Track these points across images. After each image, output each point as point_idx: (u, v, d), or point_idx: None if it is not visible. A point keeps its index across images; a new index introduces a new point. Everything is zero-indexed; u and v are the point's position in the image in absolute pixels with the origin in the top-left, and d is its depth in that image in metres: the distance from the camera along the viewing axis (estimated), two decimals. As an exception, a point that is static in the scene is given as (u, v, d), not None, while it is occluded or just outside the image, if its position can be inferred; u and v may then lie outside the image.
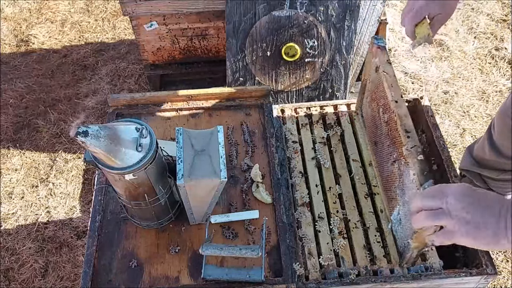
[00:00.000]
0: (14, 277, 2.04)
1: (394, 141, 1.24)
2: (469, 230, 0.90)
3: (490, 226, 0.89)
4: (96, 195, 1.35)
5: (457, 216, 0.90)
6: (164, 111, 1.55)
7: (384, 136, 1.33)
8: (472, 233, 0.90)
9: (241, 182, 1.40)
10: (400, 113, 1.20)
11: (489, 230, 0.89)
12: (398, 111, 1.21)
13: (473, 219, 0.89)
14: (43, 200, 2.27)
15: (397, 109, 1.21)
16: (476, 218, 0.89)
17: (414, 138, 1.16)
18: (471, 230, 0.90)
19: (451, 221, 0.91)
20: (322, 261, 1.26)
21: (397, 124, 1.20)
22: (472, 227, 0.89)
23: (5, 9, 3.18)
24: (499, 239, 0.89)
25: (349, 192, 1.41)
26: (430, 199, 0.94)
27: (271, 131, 1.48)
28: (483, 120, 2.49)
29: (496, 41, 2.83)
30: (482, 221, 0.89)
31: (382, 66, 1.30)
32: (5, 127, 2.55)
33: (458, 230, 0.91)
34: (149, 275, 1.23)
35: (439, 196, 0.93)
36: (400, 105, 1.22)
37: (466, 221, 0.90)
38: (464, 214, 0.90)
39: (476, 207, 0.90)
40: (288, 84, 2.19)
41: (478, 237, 0.90)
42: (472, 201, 0.91)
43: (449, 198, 0.92)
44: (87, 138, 0.95)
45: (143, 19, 2.19)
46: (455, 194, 0.92)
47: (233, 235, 1.29)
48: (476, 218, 0.89)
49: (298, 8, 2.02)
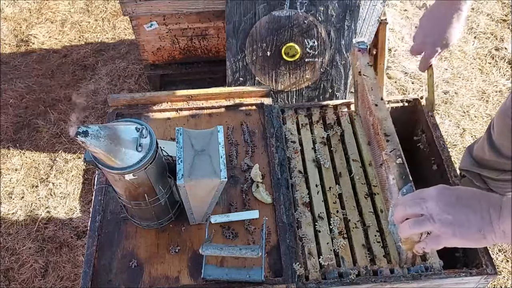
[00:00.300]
0: (14, 277, 2.04)
1: (379, 144, 1.25)
2: (455, 231, 0.90)
3: (475, 223, 0.89)
4: (96, 195, 1.35)
5: (440, 219, 0.91)
6: (164, 111, 1.55)
7: (372, 138, 1.34)
8: (458, 233, 0.90)
9: (241, 182, 1.40)
10: (380, 117, 1.20)
11: (474, 227, 0.89)
12: (378, 114, 1.21)
13: (455, 219, 0.90)
14: (43, 200, 2.27)
15: (377, 113, 1.21)
16: (458, 217, 0.90)
17: (393, 142, 1.15)
18: (457, 230, 0.90)
19: (435, 225, 0.91)
20: (322, 261, 1.26)
21: (378, 127, 1.19)
22: (456, 227, 0.90)
23: (5, 9, 3.18)
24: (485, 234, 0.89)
25: (349, 192, 1.41)
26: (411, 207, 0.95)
27: (271, 131, 1.48)
28: (483, 120, 2.49)
29: (496, 41, 2.83)
30: (465, 219, 0.89)
31: (362, 69, 1.30)
32: (5, 127, 2.55)
33: (444, 233, 0.91)
34: (149, 275, 1.23)
35: (418, 202, 0.94)
36: (380, 108, 1.21)
37: (449, 222, 0.90)
38: (445, 216, 0.90)
39: (456, 207, 0.90)
40: (288, 84, 2.19)
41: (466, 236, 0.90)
42: (450, 201, 0.91)
43: (428, 203, 0.92)
44: (87, 138, 0.95)
45: (143, 19, 2.19)
46: (432, 198, 0.92)
47: (233, 235, 1.29)
48: (458, 217, 0.90)
49: (298, 8, 2.02)
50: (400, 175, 1.09)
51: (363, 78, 1.29)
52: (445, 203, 0.91)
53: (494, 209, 0.89)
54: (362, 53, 1.32)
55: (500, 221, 0.88)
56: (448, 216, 0.90)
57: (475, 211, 0.89)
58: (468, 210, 0.90)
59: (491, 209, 0.88)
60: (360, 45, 1.34)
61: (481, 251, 1.25)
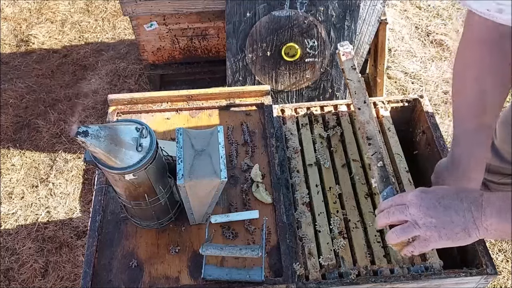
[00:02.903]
0: (14, 277, 2.04)
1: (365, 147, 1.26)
2: (440, 233, 0.92)
3: (458, 223, 0.90)
4: (96, 195, 1.35)
5: (424, 224, 0.92)
6: (164, 111, 1.55)
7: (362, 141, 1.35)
8: (444, 235, 0.92)
9: (241, 182, 1.40)
10: (362, 120, 1.20)
11: (459, 227, 0.90)
12: (361, 118, 1.21)
13: (439, 222, 0.91)
14: (43, 200, 2.27)
15: (359, 116, 1.22)
16: (442, 219, 0.91)
17: (375, 145, 1.16)
18: (442, 232, 0.91)
19: (420, 230, 0.93)
20: (322, 261, 1.26)
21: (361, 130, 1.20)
22: (441, 229, 0.91)
23: (5, 9, 3.18)
24: (469, 232, 0.91)
25: (349, 192, 1.41)
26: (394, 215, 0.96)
27: (271, 131, 1.48)
28: (483, 120, 2.49)
29: (496, 41, 2.82)
30: (449, 221, 0.91)
31: (346, 73, 1.30)
32: (5, 127, 2.55)
33: (431, 236, 0.93)
34: (149, 275, 1.23)
35: (401, 209, 0.95)
36: (363, 112, 1.22)
37: (433, 225, 0.92)
38: (429, 220, 0.92)
39: (438, 209, 0.92)
40: (288, 84, 2.19)
41: (451, 237, 0.92)
42: (431, 204, 0.93)
43: (410, 209, 0.94)
44: (87, 138, 0.95)
45: (143, 19, 2.19)
46: (414, 203, 0.94)
47: (233, 235, 1.29)
48: (442, 219, 0.91)
49: (298, 8, 2.02)
50: (380, 178, 1.10)
51: (347, 82, 1.29)
52: (427, 207, 0.93)
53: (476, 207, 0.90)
54: (346, 56, 1.33)
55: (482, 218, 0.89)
56: (431, 220, 0.92)
57: (457, 211, 0.91)
58: (450, 211, 0.91)
59: (473, 207, 0.90)
60: (344, 48, 1.34)
61: (481, 251, 1.25)
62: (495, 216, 0.88)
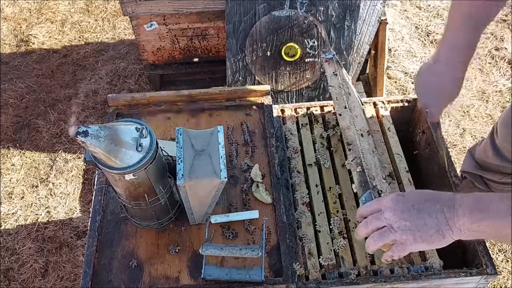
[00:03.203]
0: (14, 277, 2.04)
1: None
2: (415, 236, 0.93)
3: (431, 225, 0.91)
4: (96, 195, 1.35)
5: (399, 227, 0.93)
6: (164, 111, 1.55)
7: None
8: (418, 237, 0.93)
9: (241, 182, 1.40)
10: (342, 125, 1.21)
11: (433, 229, 0.91)
12: (342, 123, 1.23)
13: (413, 224, 0.92)
14: (43, 200, 2.27)
15: (341, 122, 1.23)
16: (415, 222, 0.92)
17: (355, 150, 1.17)
18: (417, 234, 0.92)
19: (396, 234, 0.94)
20: (322, 261, 1.26)
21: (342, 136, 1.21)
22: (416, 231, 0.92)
23: (5, 9, 3.18)
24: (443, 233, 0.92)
25: (349, 192, 1.41)
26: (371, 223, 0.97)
27: (271, 131, 1.48)
28: (483, 120, 2.49)
29: (496, 41, 2.83)
30: (422, 223, 0.92)
31: (328, 79, 1.31)
32: (5, 127, 2.55)
33: (406, 239, 0.94)
34: (149, 275, 1.23)
35: (377, 217, 0.96)
36: (343, 117, 1.23)
37: (407, 228, 0.92)
38: (404, 223, 0.93)
39: (412, 212, 0.93)
40: (288, 84, 2.19)
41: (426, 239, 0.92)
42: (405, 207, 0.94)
43: (385, 213, 0.95)
44: (87, 138, 0.95)
45: (143, 19, 2.19)
46: (389, 208, 0.95)
47: (233, 235, 1.29)
48: (415, 222, 0.92)
49: (298, 8, 2.02)
50: (359, 183, 1.11)
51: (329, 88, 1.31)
52: (401, 210, 0.94)
53: (448, 208, 0.91)
54: (328, 63, 1.34)
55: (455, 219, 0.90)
56: (406, 223, 0.93)
57: (430, 214, 0.92)
58: (423, 214, 0.92)
59: (445, 209, 0.91)
60: (326, 56, 1.36)
61: (481, 251, 1.25)
62: (467, 216, 0.89)
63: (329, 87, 1.31)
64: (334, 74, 1.32)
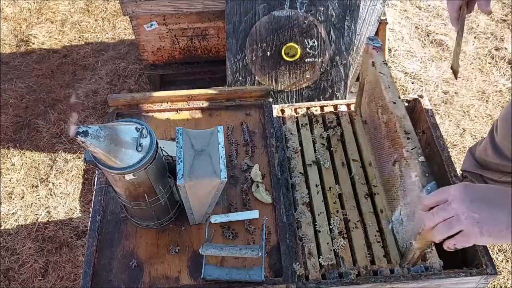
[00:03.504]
0: (14, 277, 2.04)
1: (394, 142, 1.24)
2: (482, 229, 0.90)
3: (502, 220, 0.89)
4: (96, 195, 1.35)
5: (466, 218, 0.91)
6: (164, 111, 1.55)
7: (383, 137, 1.33)
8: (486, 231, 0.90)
9: (241, 182, 1.40)
10: (398, 115, 1.19)
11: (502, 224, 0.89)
12: (397, 112, 1.20)
13: (481, 217, 0.90)
14: (43, 200, 2.27)
15: (395, 111, 1.20)
16: (485, 215, 0.90)
17: (414, 139, 1.15)
18: (484, 228, 0.90)
19: (463, 225, 0.92)
20: (322, 261, 1.26)
21: (396, 125, 1.19)
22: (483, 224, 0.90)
23: (5, 9, 3.18)
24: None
25: (349, 192, 1.41)
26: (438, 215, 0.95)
27: (271, 131, 1.48)
28: (483, 120, 2.49)
29: (496, 41, 2.83)
30: (492, 217, 0.89)
31: (378, 67, 1.29)
32: (5, 127, 2.55)
33: (472, 232, 0.91)
34: (149, 275, 1.23)
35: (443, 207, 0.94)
36: (398, 106, 1.20)
37: (475, 220, 0.90)
38: (472, 214, 0.90)
39: (482, 205, 0.91)
40: (288, 84, 2.19)
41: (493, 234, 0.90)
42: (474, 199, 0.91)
43: (453, 204, 0.93)
44: (87, 138, 0.95)
45: (143, 19, 2.19)
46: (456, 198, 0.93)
47: (233, 235, 1.29)
48: (485, 215, 0.90)
49: (298, 8, 2.02)
50: (423, 173, 1.08)
51: (378, 76, 1.28)
52: (470, 201, 0.91)
53: None
54: (377, 51, 1.30)
55: None
56: (474, 215, 0.90)
57: (503, 209, 0.89)
58: (494, 208, 0.90)
59: None
60: (374, 43, 1.33)
61: (481, 251, 1.25)
62: None
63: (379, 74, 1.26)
64: (384, 62, 1.28)
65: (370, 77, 1.39)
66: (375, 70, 1.32)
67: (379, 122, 1.34)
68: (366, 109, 1.48)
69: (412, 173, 1.11)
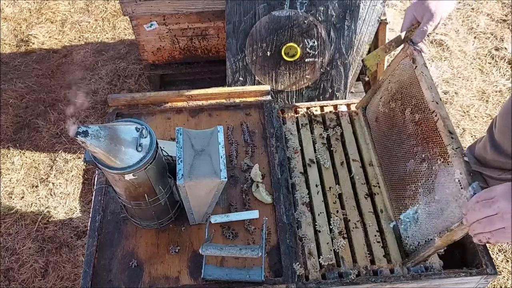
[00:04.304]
0: (14, 277, 2.04)
1: (427, 141, 1.25)
2: None
3: None
4: (96, 195, 1.35)
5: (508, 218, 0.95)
6: (164, 111, 1.55)
7: (407, 135, 1.34)
8: None
9: (241, 182, 1.40)
10: (442, 114, 1.22)
11: None
12: (440, 112, 1.22)
13: None
14: (43, 200, 2.27)
15: (439, 110, 1.22)
16: None
17: (456, 139, 1.18)
18: None
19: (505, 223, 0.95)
20: (322, 261, 1.26)
21: (438, 125, 1.21)
22: None
23: (5, 9, 3.18)
24: None
25: (349, 192, 1.41)
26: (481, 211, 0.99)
27: (271, 131, 1.48)
28: (483, 120, 2.49)
29: (496, 41, 2.83)
30: None
31: (419, 68, 1.31)
32: (5, 127, 2.55)
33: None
34: (149, 275, 1.23)
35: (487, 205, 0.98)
36: (440, 106, 1.23)
37: None
38: None
39: None
40: (288, 84, 2.19)
41: None
42: None
43: (499, 202, 0.96)
44: (87, 138, 0.95)
45: (143, 19, 2.19)
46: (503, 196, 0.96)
47: (233, 235, 1.29)
48: None
49: (298, 8, 2.01)
50: (467, 172, 1.12)
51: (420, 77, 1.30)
52: None
53: None
54: (418, 53, 1.35)
55: None
56: None
57: None
58: None
59: None
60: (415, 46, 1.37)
61: (481, 251, 1.25)
62: None
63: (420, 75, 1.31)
64: (425, 65, 1.33)
65: (400, 77, 1.40)
66: (413, 71, 1.34)
67: (404, 121, 1.35)
68: (381, 108, 1.48)
69: (457, 171, 1.13)
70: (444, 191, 1.16)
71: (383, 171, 1.43)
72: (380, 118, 1.49)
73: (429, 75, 1.31)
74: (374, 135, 1.51)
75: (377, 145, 1.48)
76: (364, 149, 1.50)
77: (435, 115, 1.23)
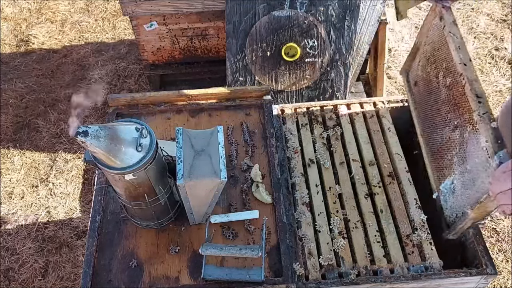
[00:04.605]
0: (14, 277, 2.04)
1: (458, 106, 1.16)
2: None
3: None
4: (96, 195, 1.35)
5: None
6: (164, 111, 1.55)
7: (441, 101, 1.25)
8: None
9: (241, 182, 1.40)
10: (469, 77, 1.11)
11: None
12: (468, 74, 1.12)
13: None
14: (43, 200, 2.27)
15: (466, 73, 1.12)
16: None
17: (485, 104, 1.07)
18: None
19: None
20: (322, 261, 1.26)
21: (465, 88, 1.11)
22: None
23: (5, 9, 3.18)
24: None
25: (349, 192, 1.41)
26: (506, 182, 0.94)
27: (271, 131, 1.48)
28: (483, 120, 2.49)
29: (496, 41, 2.83)
30: None
31: (448, 27, 1.21)
32: (5, 127, 2.55)
33: None
34: (149, 275, 1.23)
35: None
36: (469, 69, 1.12)
37: None
38: None
39: None
40: (288, 84, 2.19)
41: None
42: None
43: None
44: (87, 138, 0.95)
45: (143, 19, 2.19)
46: None
47: (233, 235, 1.29)
48: None
49: (298, 8, 2.01)
50: (495, 138, 1.02)
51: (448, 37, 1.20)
52: None
53: None
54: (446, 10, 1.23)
55: None
56: None
57: None
58: None
59: None
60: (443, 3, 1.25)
61: (481, 251, 1.25)
62: None
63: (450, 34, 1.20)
64: (454, 23, 1.22)
65: (433, 37, 1.30)
66: (442, 30, 1.23)
67: (438, 86, 1.26)
68: (419, 72, 1.39)
69: (482, 138, 1.05)
70: (474, 160, 1.09)
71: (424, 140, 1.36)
72: (419, 83, 1.40)
73: (459, 33, 1.19)
74: (415, 102, 1.42)
75: (420, 113, 1.40)
76: (364, 149, 1.50)
77: (463, 78, 1.12)
